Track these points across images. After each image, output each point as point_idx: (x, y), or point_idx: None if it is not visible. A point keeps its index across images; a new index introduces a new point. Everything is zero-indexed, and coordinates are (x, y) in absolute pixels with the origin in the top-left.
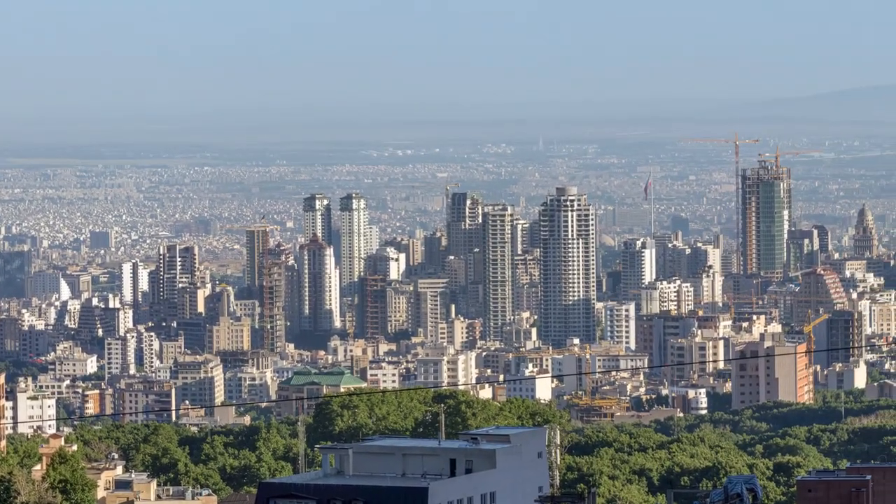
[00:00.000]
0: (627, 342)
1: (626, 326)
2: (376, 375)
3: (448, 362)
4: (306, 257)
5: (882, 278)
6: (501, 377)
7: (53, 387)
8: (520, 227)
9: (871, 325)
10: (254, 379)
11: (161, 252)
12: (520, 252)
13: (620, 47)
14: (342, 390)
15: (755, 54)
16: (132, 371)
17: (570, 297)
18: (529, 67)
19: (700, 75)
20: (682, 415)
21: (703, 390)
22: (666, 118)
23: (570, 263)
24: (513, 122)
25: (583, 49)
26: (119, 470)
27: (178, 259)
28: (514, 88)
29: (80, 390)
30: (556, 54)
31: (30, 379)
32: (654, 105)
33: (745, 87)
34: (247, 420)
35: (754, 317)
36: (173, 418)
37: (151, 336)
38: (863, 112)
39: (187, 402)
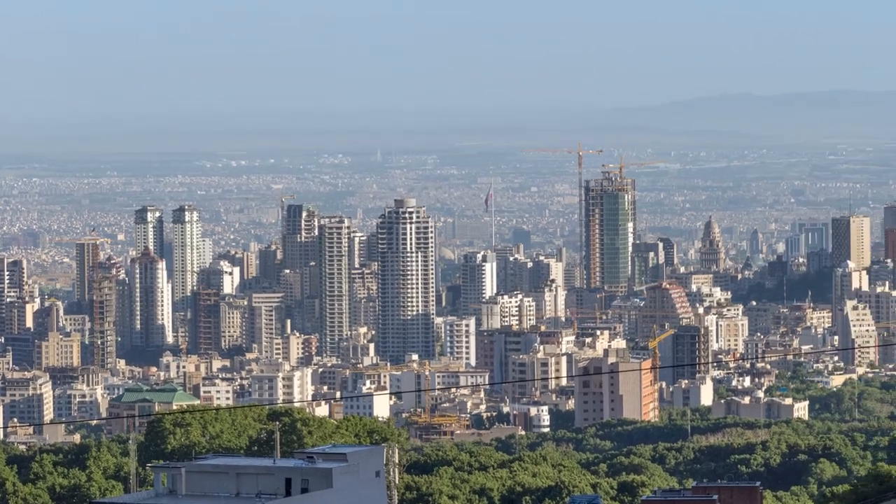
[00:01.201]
0: (467, 358)
1: (467, 342)
2: (209, 392)
3: (283, 379)
4: (138, 271)
5: (729, 292)
6: (338, 394)
7: None
8: (357, 239)
9: (717, 341)
10: (84, 396)
11: None
12: (357, 265)
13: (460, 55)
14: (174, 407)
15: (599, 62)
16: None
17: (409, 312)
18: (367, 76)
19: (542, 84)
20: (523, 433)
21: (545, 408)
22: (507, 128)
23: (409, 277)
24: (350, 133)
25: (421, 57)
26: None
27: (6, 273)
28: (352, 98)
29: None
30: (394, 63)
31: None
32: (494, 114)
33: (589, 96)
34: (77, 438)
35: (598, 332)
36: (1, 436)
37: None
38: (709, 122)
39: (15, 419)
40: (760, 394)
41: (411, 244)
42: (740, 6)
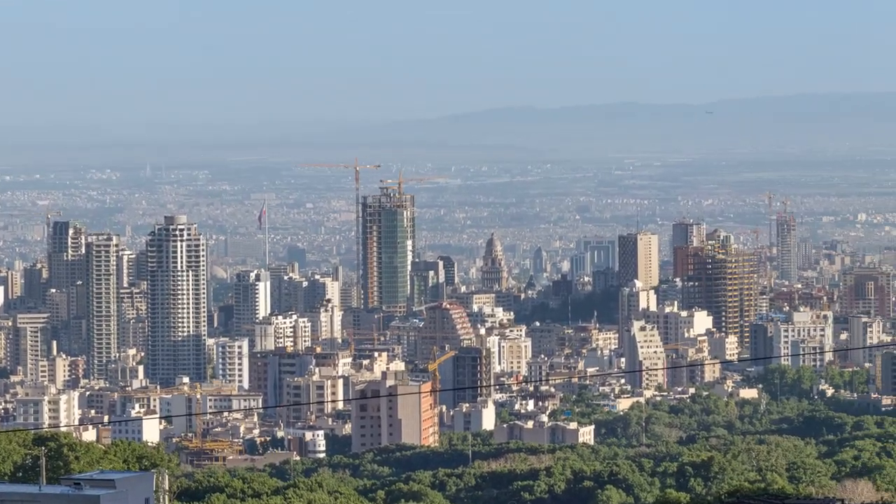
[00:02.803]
0: (240, 381)
1: (239, 364)
2: None
3: (49, 402)
4: None
5: (512, 313)
6: (106, 418)
7: None
8: (126, 258)
9: (500, 363)
10: None
11: None
12: (126, 285)
13: (233, 68)
14: None
15: (375, 74)
16: None
17: (180, 333)
18: (135, 89)
19: (318, 97)
20: (298, 458)
21: (321, 432)
22: (281, 142)
23: (180, 297)
24: (119, 147)
25: (192, 70)
26: None
27: None
28: (120, 111)
29: None
30: (163, 75)
31: None
32: (268, 128)
33: (366, 109)
34: None
35: (376, 354)
36: None
37: None
38: (491, 135)
39: None
40: (544, 418)
41: (182, 262)
42: (522, 17)
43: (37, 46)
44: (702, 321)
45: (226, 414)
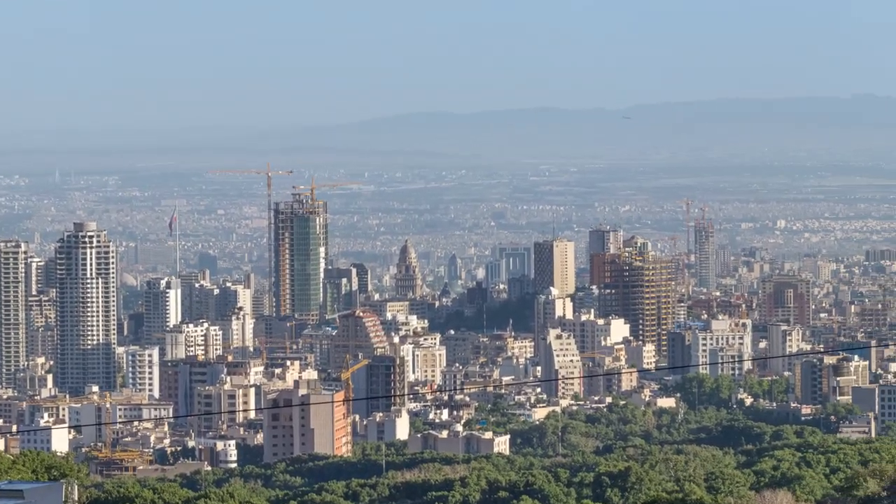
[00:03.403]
0: (151, 390)
1: (150, 373)
2: None
3: None
4: None
5: (426, 320)
6: (14, 428)
7: None
8: (34, 265)
9: (414, 372)
10: None
11: None
12: (34, 292)
13: (142, 72)
14: None
15: (286, 79)
16: None
17: (89, 341)
18: (43, 94)
19: (228, 102)
20: (209, 468)
21: (232, 442)
22: (192, 147)
23: (89, 305)
24: (26, 152)
25: (101, 75)
26: None
27: None
28: (28, 116)
29: None
30: (72, 80)
31: None
32: (179, 134)
33: (278, 115)
34: None
35: (288, 362)
36: None
37: None
38: (405, 141)
39: None
40: (459, 427)
41: (91, 270)
42: (434, 22)
43: None
44: (619, 329)
45: (136, 423)
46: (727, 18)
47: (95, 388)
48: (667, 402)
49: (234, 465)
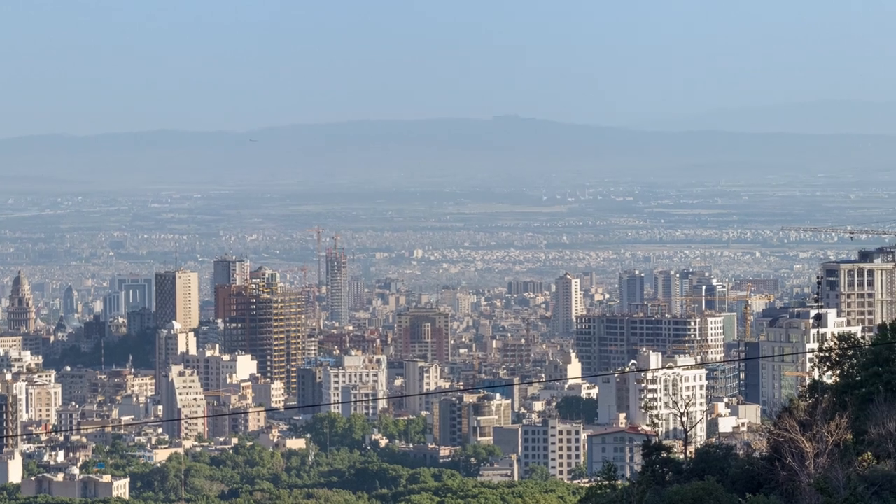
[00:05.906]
0: None
1: None
2: None
3: None
4: None
5: (40, 356)
6: None
7: None
8: None
9: (28, 411)
10: None
11: None
12: None
13: None
14: None
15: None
16: None
17: None
18: None
19: None
20: None
21: None
22: None
23: None
24: None
25: None
26: None
27: None
28: None
29: None
30: None
31: None
32: None
33: None
34: None
35: None
36: None
37: None
38: (18, 166)
39: None
40: (76, 470)
41: None
42: (50, 40)
43: None
44: (245, 365)
45: None
46: (361, 37)
47: None
48: (296, 444)
49: None
